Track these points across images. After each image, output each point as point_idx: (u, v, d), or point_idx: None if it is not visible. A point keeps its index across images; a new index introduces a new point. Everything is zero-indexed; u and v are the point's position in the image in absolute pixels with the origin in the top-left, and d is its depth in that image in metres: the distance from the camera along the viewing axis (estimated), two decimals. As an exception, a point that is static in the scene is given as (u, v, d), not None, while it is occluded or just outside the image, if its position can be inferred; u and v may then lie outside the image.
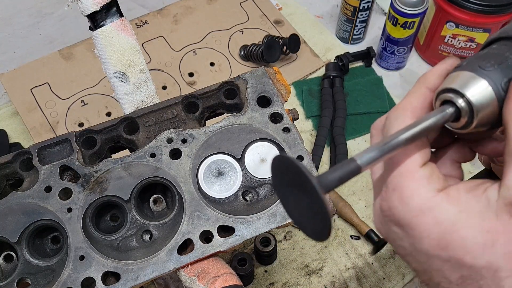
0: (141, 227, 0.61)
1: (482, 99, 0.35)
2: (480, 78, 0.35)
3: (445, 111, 0.36)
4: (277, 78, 0.69)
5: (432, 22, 1.15)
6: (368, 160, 0.35)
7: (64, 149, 0.63)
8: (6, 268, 0.58)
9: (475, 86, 0.35)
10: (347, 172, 0.35)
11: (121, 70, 0.67)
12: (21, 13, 1.15)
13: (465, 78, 0.36)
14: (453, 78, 0.37)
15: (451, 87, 0.36)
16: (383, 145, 0.35)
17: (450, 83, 0.37)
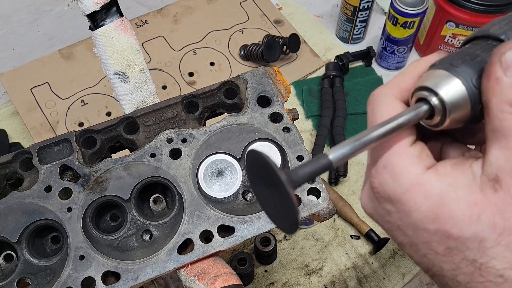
0: (141, 226, 0.61)
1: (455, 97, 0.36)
2: (453, 77, 0.36)
3: (419, 109, 0.37)
4: (277, 77, 0.69)
5: (432, 21, 1.15)
6: (340, 155, 0.36)
7: (64, 149, 0.63)
8: (6, 267, 0.58)
9: (448, 85, 0.36)
10: (318, 167, 0.35)
11: (121, 69, 0.67)
12: (20, 11, 1.15)
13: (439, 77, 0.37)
14: (428, 77, 0.38)
15: (425, 85, 0.37)
16: (355, 141, 0.36)
17: (424, 81, 0.38)
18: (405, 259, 0.94)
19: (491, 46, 0.37)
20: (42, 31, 1.20)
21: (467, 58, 0.37)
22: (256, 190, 0.38)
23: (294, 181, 0.34)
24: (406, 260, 0.94)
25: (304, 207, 0.60)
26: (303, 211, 0.59)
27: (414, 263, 0.95)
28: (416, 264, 0.39)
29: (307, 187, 0.61)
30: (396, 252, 0.95)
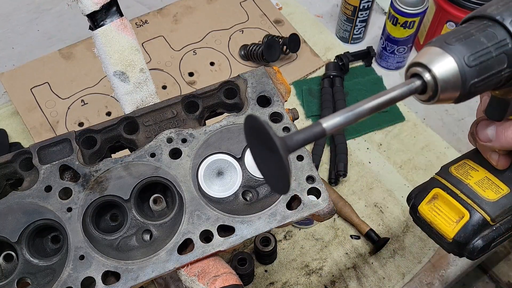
0: (141, 226, 0.61)
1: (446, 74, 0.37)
2: (446, 54, 0.37)
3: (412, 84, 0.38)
4: (277, 77, 0.69)
5: (432, 21, 1.15)
6: (333, 124, 0.37)
7: (64, 149, 0.63)
8: (6, 267, 0.58)
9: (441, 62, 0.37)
10: (312, 134, 0.37)
11: (121, 69, 0.67)
12: (20, 10, 1.15)
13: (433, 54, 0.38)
14: (422, 53, 0.39)
15: (420, 61, 0.38)
16: (349, 111, 0.37)
17: (419, 57, 0.39)
18: (405, 259, 0.94)
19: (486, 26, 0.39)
20: (41, 30, 1.20)
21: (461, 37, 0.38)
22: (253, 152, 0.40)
23: (289, 145, 0.36)
24: (406, 260, 0.94)
25: (304, 207, 0.60)
26: (303, 211, 0.59)
27: (414, 263, 0.94)
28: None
29: (307, 187, 0.61)
30: (396, 252, 0.95)
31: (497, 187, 0.53)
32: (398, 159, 1.07)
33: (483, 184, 0.54)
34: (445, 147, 1.08)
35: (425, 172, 1.05)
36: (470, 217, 0.52)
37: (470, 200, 0.53)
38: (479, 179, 0.54)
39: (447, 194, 0.55)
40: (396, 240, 0.97)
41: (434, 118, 1.15)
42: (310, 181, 0.61)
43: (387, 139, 1.10)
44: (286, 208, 0.60)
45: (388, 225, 0.98)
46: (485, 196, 0.53)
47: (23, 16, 1.16)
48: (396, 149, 1.09)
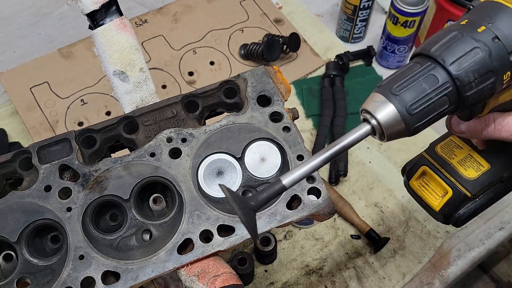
0: (141, 226, 0.61)
1: (389, 120, 0.42)
2: (389, 103, 0.42)
3: (363, 129, 0.43)
4: (277, 77, 0.69)
5: (432, 21, 1.14)
6: (292, 180, 0.42)
7: (63, 148, 0.63)
8: (6, 267, 0.58)
9: (384, 111, 0.42)
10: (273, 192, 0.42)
11: (121, 69, 0.67)
12: (21, 13, 1.14)
13: (378, 101, 0.43)
14: (371, 99, 0.44)
15: (366, 109, 0.43)
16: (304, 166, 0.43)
17: (367, 104, 0.44)
18: (406, 259, 0.94)
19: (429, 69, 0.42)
20: (43, 33, 1.19)
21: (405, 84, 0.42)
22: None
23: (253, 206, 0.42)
24: (407, 259, 0.94)
25: (304, 206, 0.59)
26: (303, 211, 0.59)
27: (414, 263, 0.94)
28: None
29: (307, 186, 0.60)
30: (396, 252, 0.95)
31: (478, 164, 0.60)
32: (399, 159, 1.07)
33: (465, 163, 0.60)
34: (445, 147, 1.08)
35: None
36: (453, 194, 0.59)
37: (453, 178, 0.60)
38: (462, 158, 0.60)
39: (433, 172, 0.61)
40: (396, 240, 0.96)
41: (434, 117, 1.15)
42: (310, 180, 0.61)
43: (387, 138, 1.10)
44: (286, 208, 0.59)
45: (388, 225, 0.98)
46: (466, 175, 0.59)
47: (25, 19, 1.15)
48: (396, 148, 1.09)
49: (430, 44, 0.43)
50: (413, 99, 0.41)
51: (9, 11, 1.12)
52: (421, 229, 0.97)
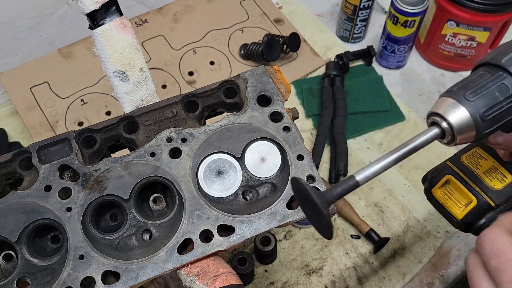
0: (141, 226, 0.61)
1: (462, 123, 0.44)
2: (460, 106, 0.44)
3: (433, 131, 0.45)
4: (277, 77, 0.69)
5: (432, 20, 1.14)
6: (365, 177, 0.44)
7: (63, 148, 0.63)
8: (6, 267, 0.58)
9: (456, 113, 0.44)
10: (347, 188, 0.44)
11: (121, 69, 0.67)
12: (23, 16, 1.14)
13: (449, 105, 0.44)
14: (441, 103, 0.46)
15: (438, 112, 0.45)
16: (377, 164, 0.44)
17: (437, 108, 0.46)
18: (406, 259, 0.94)
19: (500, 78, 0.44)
20: (44, 35, 1.19)
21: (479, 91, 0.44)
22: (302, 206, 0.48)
23: (329, 200, 0.43)
24: (407, 259, 0.94)
25: (304, 206, 0.59)
26: (303, 211, 0.59)
27: (415, 263, 0.94)
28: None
29: (307, 186, 0.60)
30: (396, 252, 0.95)
31: (502, 176, 0.61)
32: (399, 159, 1.07)
33: (490, 174, 0.61)
34: (445, 147, 1.08)
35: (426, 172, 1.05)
36: (477, 203, 0.61)
37: (479, 188, 0.61)
38: (487, 169, 0.61)
39: (458, 181, 0.63)
40: (396, 240, 0.96)
41: (434, 117, 1.15)
42: (310, 180, 0.61)
43: (387, 138, 1.10)
44: (286, 208, 0.59)
45: (388, 225, 0.98)
46: (491, 185, 0.61)
47: (26, 22, 1.15)
48: (396, 148, 1.09)
49: (500, 55, 0.46)
50: (486, 106, 0.44)
51: (10, 15, 1.12)
52: (421, 229, 0.97)
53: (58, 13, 1.18)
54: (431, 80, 1.21)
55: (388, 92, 1.16)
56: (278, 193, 0.61)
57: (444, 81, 1.21)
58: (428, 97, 1.18)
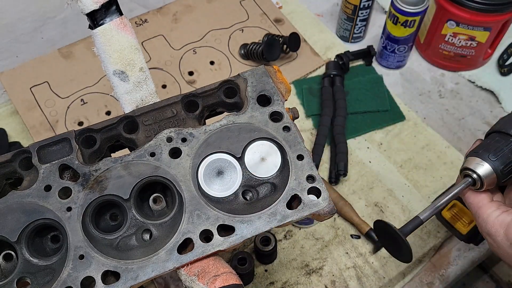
0: (141, 226, 0.61)
1: (487, 175, 0.63)
2: (487, 164, 0.63)
3: (467, 181, 0.65)
4: (277, 76, 0.69)
5: (432, 20, 1.14)
6: (427, 216, 0.67)
7: (63, 148, 0.63)
8: (6, 267, 0.58)
9: (483, 168, 0.63)
10: (415, 225, 0.67)
11: (121, 68, 0.67)
12: (25, 19, 1.13)
13: (478, 163, 0.64)
14: (471, 161, 0.65)
15: (470, 168, 0.64)
16: (433, 206, 0.67)
17: (469, 164, 0.65)
18: (406, 259, 0.94)
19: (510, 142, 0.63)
20: (45, 38, 1.19)
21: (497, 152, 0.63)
22: (383, 242, 0.74)
23: (404, 233, 0.65)
24: (407, 259, 0.94)
25: (304, 206, 0.59)
26: (303, 211, 0.59)
27: (415, 263, 0.95)
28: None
29: (307, 186, 0.60)
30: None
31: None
32: (399, 159, 1.07)
33: None
34: (445, 146, 1.08)
35: (426, 172, 1.05)
36: None
37: None
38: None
39: (463, 205, 0.82)
40: (396, 240, 0.96)
41: (434, 117, 1.15)
42: (310, 180, 0.61)
43: (387, 138, 1.10)
44: (286, 208, 0.59)
45: (388, 225, 0.98)
46: None
47: (28, 25, 1.14)
48: (396, 148, 1.09)
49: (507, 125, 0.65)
50: (503, 164, 0.63)
51: (12, 18, 1.12)
52: (421, 229, 0.97)
53: (59, 16, 1.18)
54: (431, 80, 1.21)
55: (388, 92, 1.16)
56: (278, 193, 0.61)
57: (444, 81, 1.21)
58: (428, 97, 1.18)
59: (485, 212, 0.62)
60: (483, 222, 0.62)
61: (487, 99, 1.17)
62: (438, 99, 1.18)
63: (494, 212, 0.61)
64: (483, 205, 0.63)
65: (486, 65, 1.22)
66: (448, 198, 0.65)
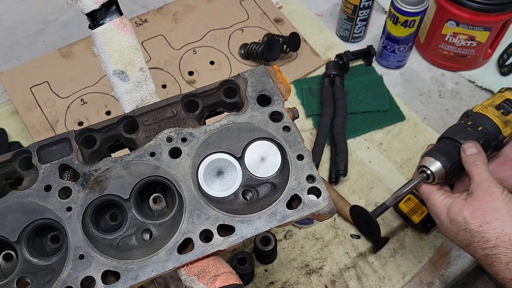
0: (141, 226, 0.61)
1: (438, 171, 0.77)
2: (438, 163, 0.78)
3: (422, 176, 0.79)
4: (277, 76, 0.69)
5: (432, 20, 1.14)
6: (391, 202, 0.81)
7: (63, 148, 0.63)
8: (6, 267, 0.58)
9: (435, 166, 0.78)
10: (382, 209, 0.81)
11: (121, 68, 0.67)
12: (26, 22, 1.13)
13: (431, 161, 0.78)
14: (426, 160, 0.79)
15: (425, 165, 0.79)
16: (396, 195, 0.81)
17: (424, 162, 0.79)
18: (406, 259, 0.94)
19: (458, 147, 0.78)
20: (47, 41, 1.18)
21: (446, 153, 0.78)
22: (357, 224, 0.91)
23: (375, 215, 0.82)
24: (407, 259, 0.94)
25: (304, 206, 0.59)
26: (303, 211, 0.59)
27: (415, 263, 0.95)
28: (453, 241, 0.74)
29: (307, 186, 0.61)
30: (396, 252, 0.95)
31: None
32: (399, 158, 1.07)
33: None
34: (445, 146, 1.08)
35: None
36: (428, 213, 0.91)
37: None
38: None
39: (415, 198, 0.93)
40: (396, 240, 0.96)
41: (434, 117, 1.15)
42: (310, 180, 0.61)
43: (387, 138, 1.10)
44: (286, 208, 0.59)
45: (388, 225, 0.98)
46: None
47: (29, 28, 1.14)
48: (396, 148, 1.09)
49: (455, 132, 0.80)
50: (450, 162, 0.77)
51: (14, 21, 1.11)
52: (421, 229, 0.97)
53: (61, 19, 1.17)
54: (431, 80, 1.21)
55: (388, 92, 1.16)
56: (278, 193, 0.61)
57: (444, 80, 1.21)
58: (428, 97, 1.18)
59: (433, 197, 0.76)
60: (431, 205, 0.76)
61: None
62: (438, 99, 1.18)
63: (440, 197, 0.75)
64: (432, 192, 0.77)
65: (486, 65, 1.22)
66: (408, 189, 0.79)
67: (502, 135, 0.80)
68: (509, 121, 0.81)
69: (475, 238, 0.68)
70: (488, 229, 0.67)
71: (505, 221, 0.66)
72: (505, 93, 0.86)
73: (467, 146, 0.76)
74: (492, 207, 0.68)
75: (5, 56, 1.15)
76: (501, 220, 0.67)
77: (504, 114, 0.81)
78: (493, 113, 0.81)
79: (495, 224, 0.67)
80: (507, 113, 0.82)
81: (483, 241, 0.67)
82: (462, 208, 0.70)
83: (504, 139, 0.81)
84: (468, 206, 0.70)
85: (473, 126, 0.80)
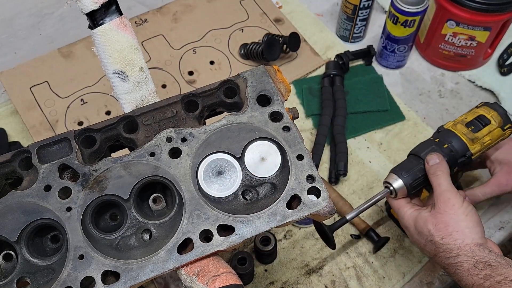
0: (141, 226, 0.61)
1: (400, 188, 0.81)
2: (400, 180, 0.81)
3: (386, 191, 0.83)
4: (277, 76, 0.69)
5: (432, 20, 1.14)
6: (352, 217, 0.84)
7: (63, 148, 0.62)
8: (6, 267, 0.58)
9: (397, 183, 0.81)
10: (341, 223, 0.85)
11: (121, 68, 0.67)
12: (22, 14, 1.14)
13: (394, 178, 0.81)
14: (390, 176, 0.82)
15: (389, 181, 0.82)
16: (358, 209, 0.84)
17: (388, 179, 0.82)
18: (406, 259, 0.94)
19: (421, 163, 0.81)
20: (44, 34, 1.19)
21: (409, 171, 0.81)
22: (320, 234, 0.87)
23: (332, 230, 0.84)
24: (407, 259, 0.94)
25: (304, 206, 0.59)
26: (303, 211, 0.59)
27: (414, 263, 0.95)
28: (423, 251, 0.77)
29: (307, 186, 0.60)
30: (396, 252, 0.95)
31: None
32: (399, 158, 1.07)
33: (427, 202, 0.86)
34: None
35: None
36: None
37: None
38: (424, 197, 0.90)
39: None
40: (396, 240, 0.96)
41: (434, 117, 1.15)
42: (310, 180, 0.61)
43: (387, 138, 1.10)
44: (286, 208, 0.59)
45: (388, 225, 0.98)
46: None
47: (25, 20, 1.14)
48: (396, 148, 1.09)
49: (421, 150, 0.82)
50: (412, 180, 0.81)
51: (10, 13, 1.12)
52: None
53: (57, 13, 1.18)
54: (431, 79, 1.21)
55: (388, 92, 1.16)
56: (278, 193, 0.61)
57: (444, 80, 1.21)
58: (428, 97, 1.18)
59: (402, 211, 0.80)
60: (401, 218, 0.81)
61: (487, 99, 1.17)
62: (438, 99, 1.18)
63: (409, 210, 0.79)
64: (402, 206, 0.81)
65: (486, 65, 1.22)
66: (370, 204, 0.83)
67: (469, 152, 0.81)
68: (476, 138, 0.81)
69: (439, 249, 0.72)
70: (450, 241, 0.71)
71: (465, 233, 0.71)
72: (480, 109, 0.85)
73: (430, 158, 0.79)
74: (453, 220, 0.72)
75: (1, 49, 1.16)
76: (461, 232, 0.71)
77: (474, 132, 0.82)
78: (461, 131, 0.82)
79: (456, 236, 0.71)
80: (477, 130, 0.82)
81: (446, 251, 0.71)
82: (426, 221, 0.75)
83: (472, 155, 0.82)
84: (432, 219, 0.74)
85: (439, 144, 0.82)
